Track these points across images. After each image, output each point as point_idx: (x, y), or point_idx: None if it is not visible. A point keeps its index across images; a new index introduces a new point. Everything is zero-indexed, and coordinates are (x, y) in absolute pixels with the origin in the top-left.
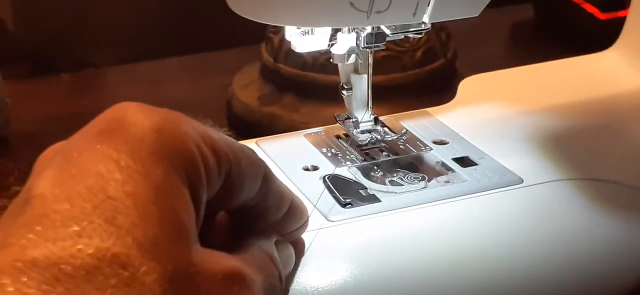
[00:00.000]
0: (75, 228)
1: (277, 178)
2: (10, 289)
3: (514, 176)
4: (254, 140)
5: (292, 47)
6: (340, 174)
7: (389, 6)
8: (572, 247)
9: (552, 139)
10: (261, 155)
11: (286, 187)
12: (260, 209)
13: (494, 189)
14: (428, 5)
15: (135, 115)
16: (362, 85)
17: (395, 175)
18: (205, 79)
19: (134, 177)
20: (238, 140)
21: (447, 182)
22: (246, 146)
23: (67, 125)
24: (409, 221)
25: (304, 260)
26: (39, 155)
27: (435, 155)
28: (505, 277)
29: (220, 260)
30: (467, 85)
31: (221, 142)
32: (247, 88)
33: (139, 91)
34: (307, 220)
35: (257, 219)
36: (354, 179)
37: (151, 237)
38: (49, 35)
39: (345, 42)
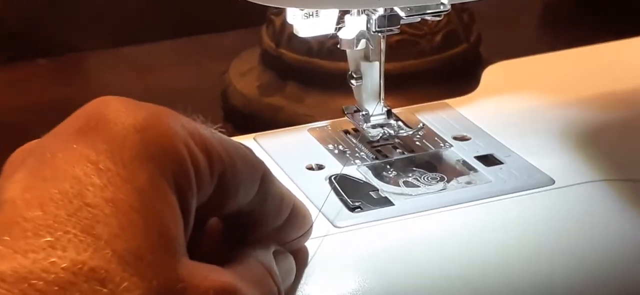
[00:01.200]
0: (48, 238)
1: (277, 179)
2: None
3: (545, 177)
4: (252, 135)
5: (294, 32)
6: (349, 173)
7: None
8: (610, 256)
9: (587, 134)
10: (259, 153)
11: (287, 189)
12: (257, 215)
13: (522, 191)
14: None
15: (117, 111)
16: (373, 73)
17: (410, 175)
18: (198, 65)
19: (114, 181)
20: (234, 134)
21: (469, 183)
22: (242, 144)
23: (45, 116)
24: (426, 227)
25: (306, 272)
26: (13, 152)
27: (455, 152)
28: (535, 291)
29: (211, 275)
30: (492, 74)
31: (213, 140)
32: (245, 76)
33: (125, 79)
34: (310, 227)
35: (254, 227)
36: (364, 179)
37: (133, 249)
38: (26, 16)
39: (354, 25)
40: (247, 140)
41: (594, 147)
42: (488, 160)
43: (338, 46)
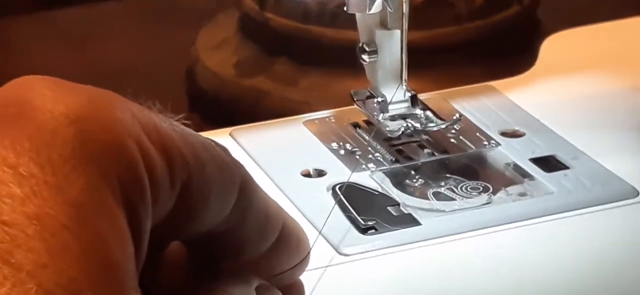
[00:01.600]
0: None
1: (261, 190)
2: None
3: (625, 186)
4: (228, 129)
5: None
6: (359, 182)
7: None
8: None
9: None
10: (238, 153)
11: (275, 203)
12: (234, 238)
13: (596, 205)
14: None
15: (44, 96)
16: (392, 46)
17: (443, 184)
18: (154, 34)
19: (40, 191)
20: (203, 129)
21: (523, 195)
22: (214, 142)
23: None
24: (464, 255)
25: None
26: None
27: (504, 153)
28: None
29: None
30: (554, 46)
31: (175, 136)
32: (218, 50)
33: (55, 52)
34: (307, 255)
35: (230, 254)
36: (380, 190)
37: (66, 282)
38: None
39: None
40: (220, 137)
41: None
42: (548, 163)
43: (345, 8)
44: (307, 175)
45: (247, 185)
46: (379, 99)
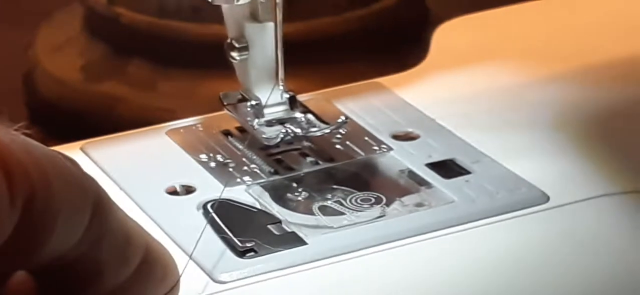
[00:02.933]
0: None
1: (119, 209)
2: None
3: (534, 191)
4: (79, 143)
5: None
6: (234, 198)
7: None
8: None
9: (588, 122)
10: (92, 171)
11: (137, 224)
12: (89, 265)
13: (503, 213)
14: None
15: None
16: (265, 41)
17: (329, 197)
18: None
19: None
20: (48, 145)
21: (420, 205)
22: (61, 154)
23: None
24: (357, 276)
25: None
26: None
27: (397, 159)
28: None
29: None
30: (447, 36)
31: (14, 147)
32: (60, 51)
33: None
34: (177, 284)
35: (86, 283)
36: (259, 206)
37: None
38: None
39: None
40: (70, 152)
41: (598, 143)
42: (447, 169)
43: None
44: (173, 192)
45: (101, 203)
46: (253, 102)
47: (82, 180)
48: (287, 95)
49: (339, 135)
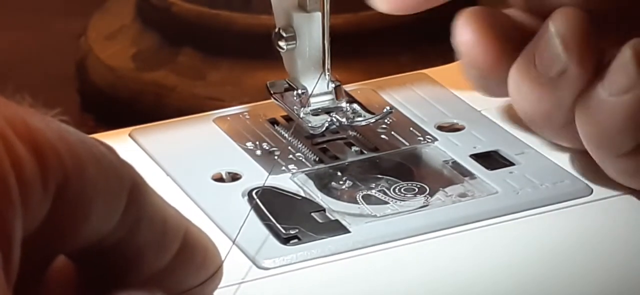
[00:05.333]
0: None
1: (156, 195)
2: None
3: (578, 183)
4: (128, 130)
5: None
6: (279, 186)
7: None
8: None
9: None
10: (140, 157)
11: (175, 210)
12: (127, 250)
13: (546, 205)
14: None
15: None
16: (312, 31)
17: (373, 186)
18: (39, 23)
19: None
20: (98, 131)
21: (463, 196)
22: (97, 141)
23: None
24: (399, 265)
25: None
26: None
27: (442, 150)
28: None
29: None
30: None
31: (49, 133)
32: (113, 40)
33: None
34: (219, 269)
35: (125, 269)
36: (303, 194)
37: None
38: None
39: None
40: (119, 139)
41: None
42: (491, 160)
43: None
44: (219, 179)
45: (138, 189)
46: (299, 91)
47: (117, 167)
48: (333, 85)
49: (384, 125)
